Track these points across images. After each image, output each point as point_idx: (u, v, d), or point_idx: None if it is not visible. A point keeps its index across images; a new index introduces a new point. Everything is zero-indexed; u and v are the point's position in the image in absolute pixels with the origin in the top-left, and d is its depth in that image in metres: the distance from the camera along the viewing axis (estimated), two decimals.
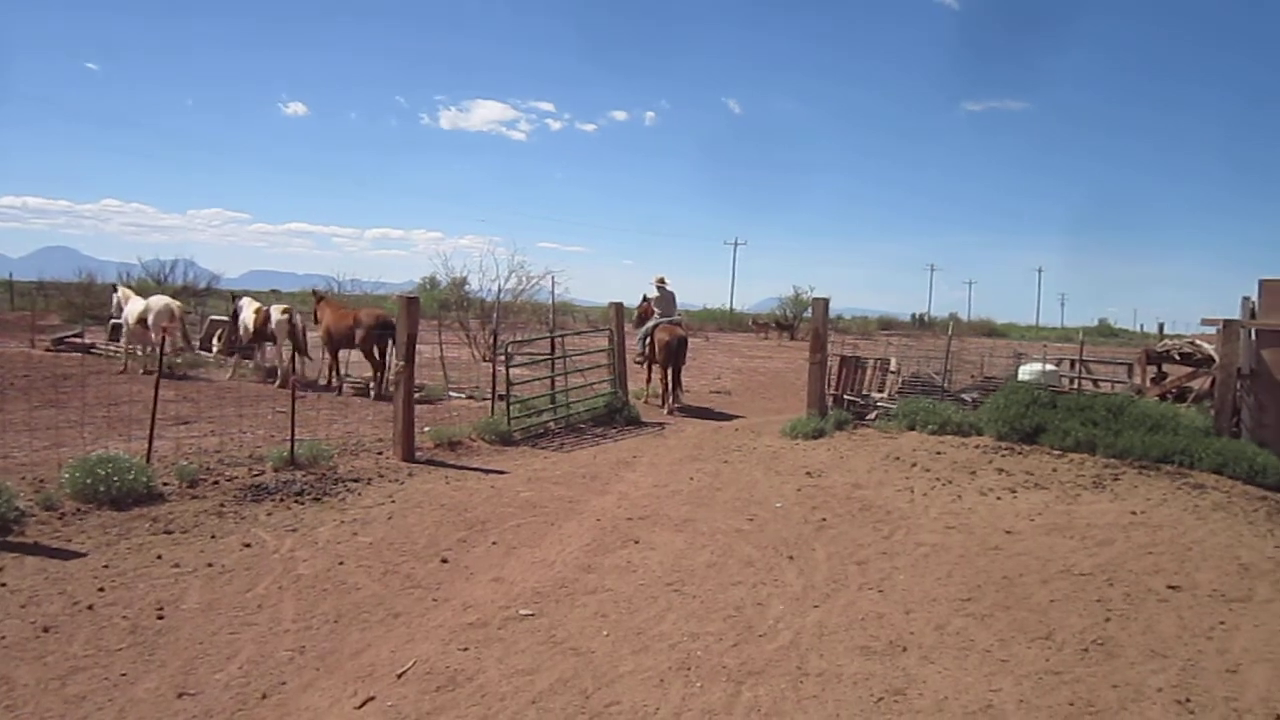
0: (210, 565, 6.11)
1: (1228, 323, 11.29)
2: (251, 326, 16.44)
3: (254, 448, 9.84)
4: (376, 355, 14.86)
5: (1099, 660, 5.00)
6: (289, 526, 7.10)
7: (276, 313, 16.29)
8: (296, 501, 7.82)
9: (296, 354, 16.11)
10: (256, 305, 17.03)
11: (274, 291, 48.70)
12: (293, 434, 9.12)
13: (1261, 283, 11.32)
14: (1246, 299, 11.58)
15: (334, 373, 15.78)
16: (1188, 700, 4.49)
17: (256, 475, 8.57)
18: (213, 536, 6.73)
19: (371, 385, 14.98)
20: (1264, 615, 5.74)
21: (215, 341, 18.10)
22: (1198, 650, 5.16)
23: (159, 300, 16.57)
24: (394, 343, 14.33)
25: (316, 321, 16.14)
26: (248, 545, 6.58)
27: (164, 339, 13.93)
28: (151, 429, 8.46)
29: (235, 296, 20.52)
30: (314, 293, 17.90)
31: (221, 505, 7.53)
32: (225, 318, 18.66)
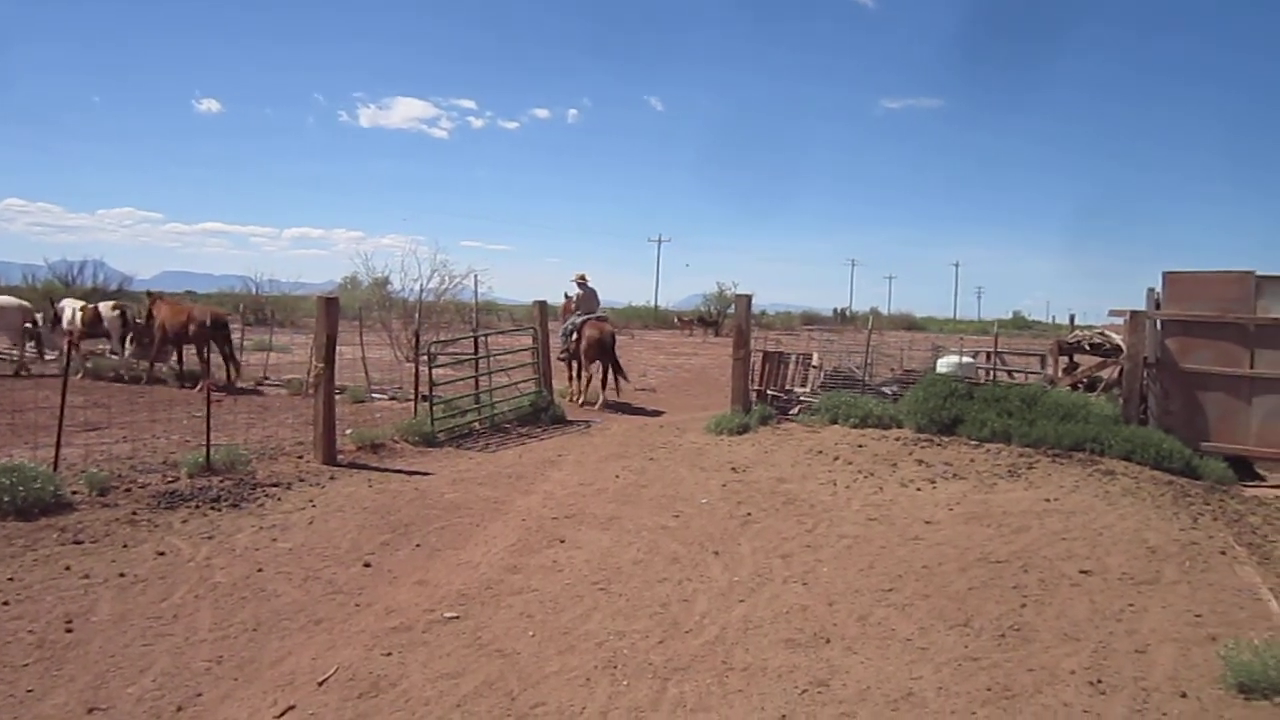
0: (122, 575, 5.92)
1: (1134, 314, 11.66)
2: (80, 324, 16.43)
3: (168, 453, 9.58)
4: (209, 351, 15.73)
5: (1015, 645, 5.13)
6: (205, 534, 6.93)
7: (107, 309, 16.59)
8: (213, 508, 7.63)
9: (131, 345, 16.54)
10: (81, 304, 17.23)
11: (189, 292, 47.52)
12: (208, 439, 8.89)
13: (1165, 274, 11.71)
14: (1152, 290, 11.97)
15: (163, 365, 16.31)
16: (1099, 681, 4.64)
17: (171, 482, 8.34)
18: (125, 546, 6.53)
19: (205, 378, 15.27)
20: (1170, 596, 5.96)
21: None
22: (1109, 632, 5.32)
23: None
24: (228, 339, 15.78)
25: (150, 319, 16.33)
26: (162, 554, 6.40)
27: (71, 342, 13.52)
28: (59, 436, 8.18)
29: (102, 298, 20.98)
30: (148, 294, 18.13)
31: (134, 513, 7.31)
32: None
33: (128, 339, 16.44)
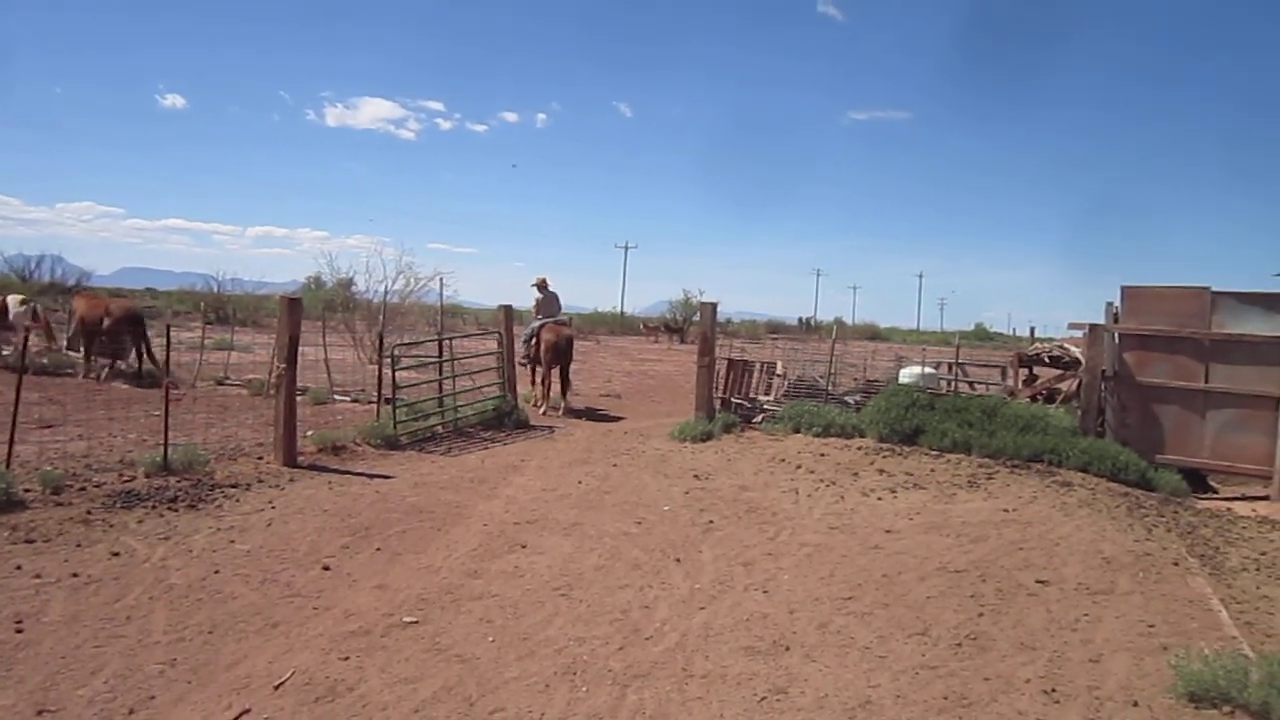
0: (75, 575, 5.83)
1: (1093, 327, 11.85)
2: None
3: (125, 452, 9.44)
4: (124, 343, 16.04)
5: (972, 654, 5.18)
6: (161, 534, 6.83)
7: (14, 304, 16.67)
8: (170, 508, 7.53)
9: (49, 340, 16.79)
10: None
11: (149, 289, 46.91)
12: (166, 438, 8.77)
13: (1123, 289, 11.91)
14: (1110, 304, 12.16)
15: (88, 360, 16.23)
16: (1054, 690, 4.70)
17: (127, 481, 8.22)
18: (78, 545, 6.42)
19: (121, 364, 16.18)
20: (1124, 606, 6.04)
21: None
22: (1064, 642, 5.39)
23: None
24: (144, 335, 16.04)
25: (71, 313, 16.83)
26: (116, 554, 6.30)
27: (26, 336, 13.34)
28: (12, 432, 8.03)
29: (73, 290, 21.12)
30: (70, 288, 18.20)
31: (88, 513, 7.19)
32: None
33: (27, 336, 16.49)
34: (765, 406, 13.77)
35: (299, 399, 10.70)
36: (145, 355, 16.17)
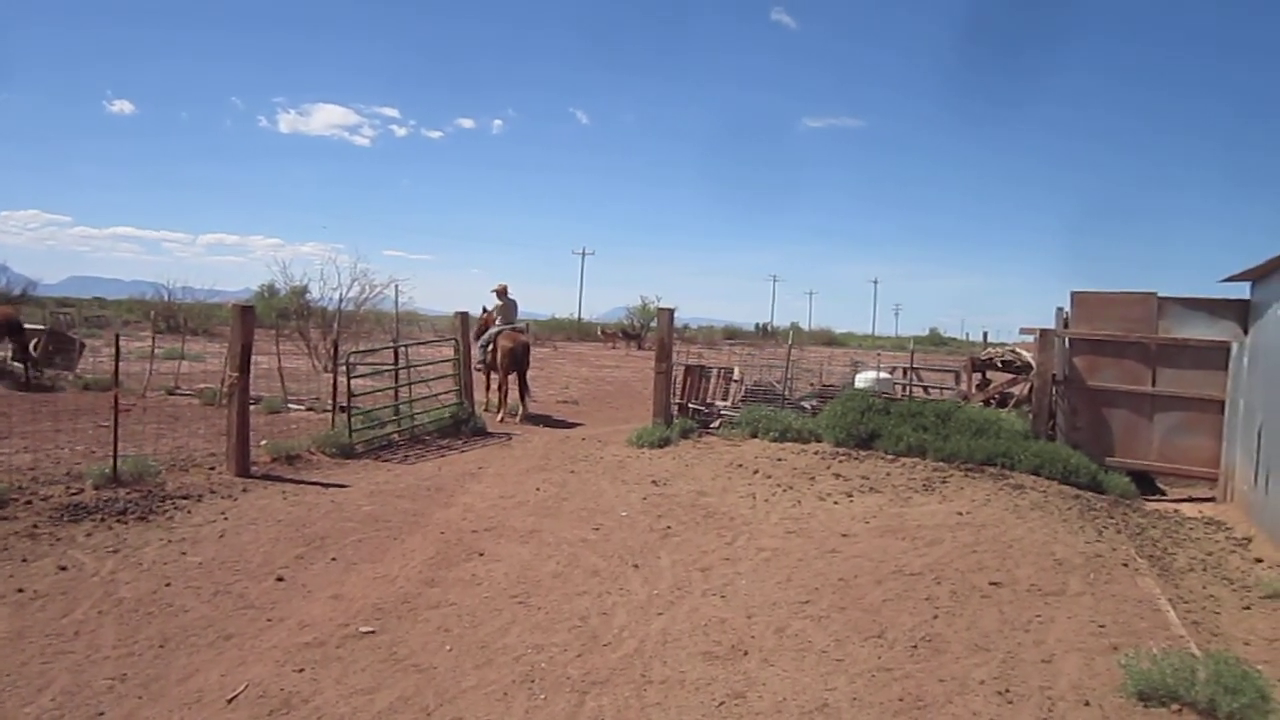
0: (21, 591, 5.70)
1: (1044, 332, 12.04)
2: None
3: (72, 464, 9.27)
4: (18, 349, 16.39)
5: (927, 656, 5.23)
6: (110, 548, 6.70)
7: None
8: (119, 521, 7.39)
9: None
10: None
11: (98, 299, 46.13)
12: (115, 449, 8.60)
13: (1073, 294, 12.12)
14: (1060, 309, 12.37)
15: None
16: (1007, 691, 4.75)
17: (75, 494, 8.05)
18: (24, 560, 6.28)
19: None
20: (1076, 607, 6.14)
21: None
22: (1017, 643, 5.46)
23: None
24: (20, 340, 16.33)
25: None
26: (64, 568, 6.18)
27: None
28: None
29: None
30: (14, 298, 18.19)
31: (35, 526, 7.04)
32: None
33: None
34: (723, 412, 13.83)
35: (252, 408, 10.56)
36: (25, 361, 16.36)
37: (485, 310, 16.56)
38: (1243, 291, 10.89)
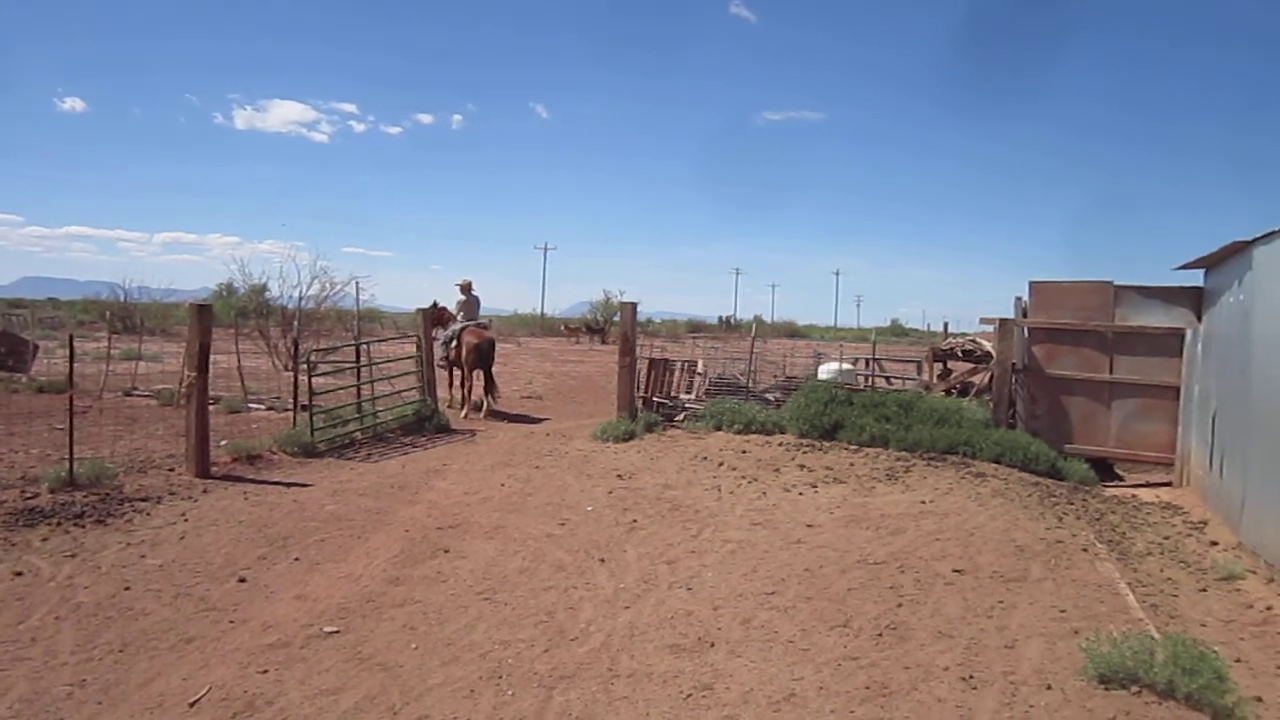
0: None
1: (1003, 321, 12.17)
2: None
3: (27, 468, 9.12)
4: None
5: (892, 644, 5.27)
6: (67, 552, 6.59)
7: None
8: (76, 525, 7.27)
9: None
10: None
11: (51, 300, 45.35)
12: (71, 452, 8.47)
13: (1031, 284, 12.26)
14: (1019, 299, 12.52)
15: None
16: (972, 677, 4.80)
17: (30, 498, 7.91)
18: None
19: None
20: (1037, 593, 6.22)
21: None
22: (980, 629, 5.52)
23: None
24: None
25: None
26: (19, 574, 6.06)
27: None
28: None
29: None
30: None
31: None
32: None
33: None
34: (687, 405, 13.85)
35: (211, 408, 10.44)
36: None
37: (436, 304, 16.28)
38: (1197, 279, 11.08)
